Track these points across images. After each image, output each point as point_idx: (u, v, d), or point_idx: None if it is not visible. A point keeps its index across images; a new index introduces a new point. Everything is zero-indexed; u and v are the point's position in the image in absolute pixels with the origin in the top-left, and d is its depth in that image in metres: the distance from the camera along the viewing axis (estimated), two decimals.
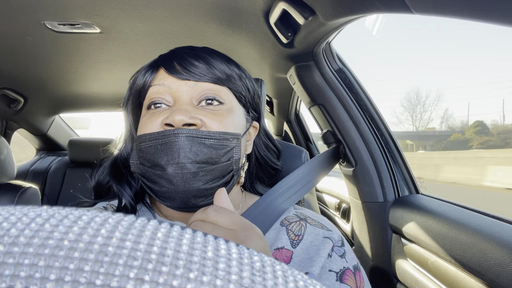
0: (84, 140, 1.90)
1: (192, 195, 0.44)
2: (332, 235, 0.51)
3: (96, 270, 0.10)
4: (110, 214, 0.13)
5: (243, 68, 0.55)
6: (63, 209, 0.13)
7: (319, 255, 0.47)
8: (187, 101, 0.47)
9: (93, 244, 0.11)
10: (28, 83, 1.51)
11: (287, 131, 1.90)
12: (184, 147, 0.43)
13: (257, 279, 0.12)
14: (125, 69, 1.32)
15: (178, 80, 0.47)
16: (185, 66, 0.47)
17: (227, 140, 0.46)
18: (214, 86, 0.48)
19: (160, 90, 0.48)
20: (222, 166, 0.46)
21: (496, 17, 0.41)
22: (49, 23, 0.92)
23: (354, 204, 1.05)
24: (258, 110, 0.57)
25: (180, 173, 0.43)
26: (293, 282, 0.12)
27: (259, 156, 0.59)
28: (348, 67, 1.01)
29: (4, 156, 1.12)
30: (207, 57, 0.49)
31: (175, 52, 0.50)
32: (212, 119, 0.46)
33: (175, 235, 0.13)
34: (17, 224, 0.11)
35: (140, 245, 0.11)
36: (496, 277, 0.58)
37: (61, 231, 0.11)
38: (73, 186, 1.83)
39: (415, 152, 26.34)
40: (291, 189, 0.63)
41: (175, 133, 0.43)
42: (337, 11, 0.65)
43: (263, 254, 0.14)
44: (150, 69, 0.50)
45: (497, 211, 0.73)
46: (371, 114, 0.98)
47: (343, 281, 0.46)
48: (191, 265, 0.11)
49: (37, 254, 0.10)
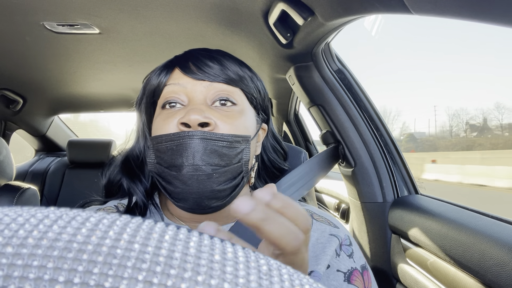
0: (83, 141, 1.89)
1: (205, 196, 0.45)
2: (339, 233, 0.51)
3: (105, 272, 0.10)
4: (118, 216, 0.13)
5: (254, 71, 0.56)
6: (70, 210, 0.13)
7: (325, 253, 0.47)
8: (202, 101, 0.48)
9: (101, 246, 0.11)
10: (27, 84, 1.50)
11: (286, 132, 1.90)
12: (199, 149, 0.44)
13: (264, 282, 0.12)
14: (124, 69, 1.32)
15: (193, 80, 0.48)
16: (200, 66, 0.48)
17: (238, 142, 0.47)
18: (227, 87, 0.49)
19: (176, 89, 0.49)
20: (234, 168, 0.47)
21: (495, 18, 0.42)
22: (48, 24, 0.91)
23: (353, 204, 1.05)
24: (268, 112, 0.58)
25: (195, 175, 0.44)
26: (299, 285, 0.12)
27: (265, 158, 0.59)
28: (347, 67, 1.02)
29: (3, 157, 1.12)
30: (221, 58, 0.50)
31: (190, 53, 0.52)
32: (224, 121, 0.47)
33: (183, 237, 0.13)
34: (25, 225, 0.11)
35: (148, 248, 0.11)
36: (495, 277, 0.58)
37: (69, 232, 0.11)
38: (72, 187, 1.82)
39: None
40: (293, 186, 0.64)
41: (189, 135, 0.44)
42: (336, 12, 0.65)
43: (270, 258, 0.14)
44: (165, 69, 0.51)
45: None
46: (370, 114, 0.98)
47: (350, 282, 0.46)
48: (199, 268, 0.11)
49: (45, 255, 0.10)
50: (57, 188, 1.84)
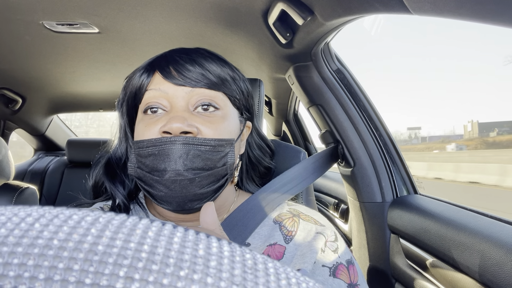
0: (82, 140, 1.89)
1: (188, 199, 0.45)
2: (325, 231, 0.51)
3: (85, 269, 0.10)
4: (101, 213, 0.13)
5: (236, 68, 0.56)
6: (54, 208, 0.13)
7: (311, 251, 0.47)
8: (183, 107, 0.47)
9: (82, 243, 0.11)
10: (26, 83, 1.50)
11: (286, 132, 1.90)
12: (181, 154, 0.44)
13: (248, 276, 0.12)
14: (124, 69, 1.32)
15: (174, 86, 0.48)
16: (180, 71, 0.48)
17: (221, 146, 0.47)
18: (209, 91, 0.49)
19: (157, 95, 0.48)
20: (218, 171, 0.47)
21: (495, 18, 0.42)
22: (47, 23, 0.91)
23: (353, 204, 1.05)
24: (251, 110, 0.58)
25: (177, 180, 0.44)
26: (285, 279, 0.12)
27: (251, 155, 0.60)
28: (346, 67, 1.02)
29: (2, 156, 1.12)
30: (201, 61, 0.49)
31: (170, 56, 0.51)
32: (207, 127, 0.47)
33: (167, 233, 0.13)
34: (6, 224, 0.11)
35: (130, 244, 0.11)
36: (494, 277, 0.58)
37: (50, 230, 0.11)
38: (71, 186, 1.82)
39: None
40: (285, 186, 0.64)
41: (172, 140, 0.44)
42: (336, 12, 0.65)
43: (256, 252, 0.14)
44: (146, 72, 0.51)
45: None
46: (370, 114, 0.98)
47: (336, 276, 0.46)
48: (182, 263, 0.11)
49: (26, 253, 0.10)
50: (56, 187, 1.83)
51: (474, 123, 30.89)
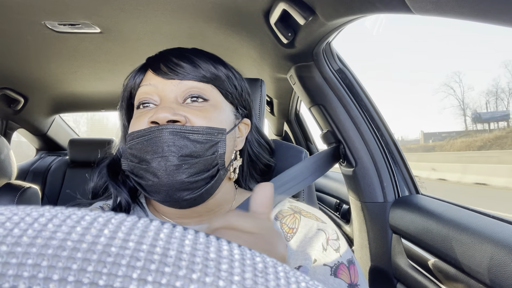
0: (84, 140, 1.90)
1: (176, 188, 0.45)
2: (326, 228, 0.51)
3: (99, 270, 0.10)
4: (113, 215, 0.13)
5: (233, 68, 0.56)
6: (65, 209, 0.13)
7: (312, 248, 0.48)
8: (172, 99, 0.48)
9: (96, 244, 0.11)
10: (28, 83, 1.51)
11: (287, 131, 1.90)
12: (168, 142, 0.44)
13: (259, 280, 0.12)
14: (125, 69, 1.32)
15: (164, 80, 0.49)
16: (170, 66, 0.49)
17: (211, 134, 0.47)
18: (198, 84, 0.49)
19: (147, 90, 0.50)
20: (206, 160, 0.47)
21: (496, 17, 0.41)
22: (49, 23, 0.92)
23: (354, 204, 1.05)
24: (248, 107, 0.58)
25: (164, 166, 0.44)
26: (295, 283, 0.12)
27: (251, 153, 0.60)
28: (348, 67, 1.01)
29: (4, 156, 1.12)
30: (192, 57, 0.51)
31: (162, 54, 0.53)
32: (196, 115, 0.47)
33: (178, 235, 0.13)
34: (20, 224, 0.11)
35: (143, 246, 0.11)
36: (497, 277, 0.58)
37: (64, 231, 0.11)
38: (73, 186, 1.83)
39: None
40: (286, 184, 0.64)
41: (159, 129, 0.45)
42: (337, 12, 0.65)
43: (265, 256, 0.14)
44: (139, 72, 0.53)
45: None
46: (371, 114, 0.98)
47: (337, 276, 0.46)
48: (194, 266, 0.11)
49: (40, 254, 0.10)
50: (58, 187, 1.84)
51: (421, 132, 45.52)
